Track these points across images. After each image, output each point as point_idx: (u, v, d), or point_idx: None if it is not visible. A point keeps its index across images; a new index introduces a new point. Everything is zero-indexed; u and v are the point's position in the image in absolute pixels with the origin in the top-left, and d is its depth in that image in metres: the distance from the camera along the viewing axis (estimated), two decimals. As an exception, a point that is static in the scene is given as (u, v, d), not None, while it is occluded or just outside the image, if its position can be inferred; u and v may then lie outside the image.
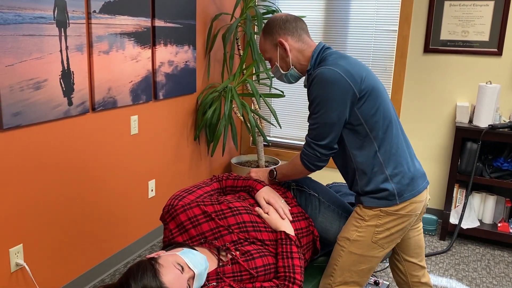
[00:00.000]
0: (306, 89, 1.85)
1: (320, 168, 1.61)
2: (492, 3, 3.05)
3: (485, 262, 2.86)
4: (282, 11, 3.65)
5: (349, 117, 1.53)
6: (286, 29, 1.62)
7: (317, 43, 1.67)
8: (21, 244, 2.02)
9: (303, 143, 3.85)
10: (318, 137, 1.55)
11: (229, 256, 1.43)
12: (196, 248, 1.43)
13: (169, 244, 1.46)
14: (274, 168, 1.76)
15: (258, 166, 3.56)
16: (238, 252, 1.44)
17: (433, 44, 3.24)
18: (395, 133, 1.59)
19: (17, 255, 2.00)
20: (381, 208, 1.57)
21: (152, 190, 2.86)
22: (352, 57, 1.60)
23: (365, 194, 1.60)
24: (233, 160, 3.69)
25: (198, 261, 1.31)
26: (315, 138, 1.56)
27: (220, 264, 1.42)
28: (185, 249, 1.34)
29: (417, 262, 1.82)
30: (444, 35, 3.21)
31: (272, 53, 1.67)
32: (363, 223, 1.60)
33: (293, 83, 1.73)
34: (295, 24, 1.64)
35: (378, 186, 1.56)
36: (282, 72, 1.68)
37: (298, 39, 1.63)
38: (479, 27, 3.12)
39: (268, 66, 3.77)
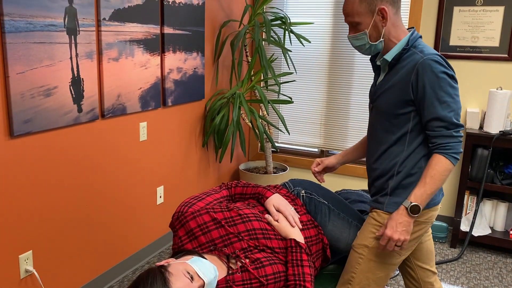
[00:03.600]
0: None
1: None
2: (502, 9, 3.03)
3: (497, 270, 2.82)
4: (290, 18, 3.65)
5: None
6: None
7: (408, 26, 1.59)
8: (31, 251, 2.02)
9: (312, 149, 3.83)
10: (456, 120, 1.46)
11: (239, 263, 1.42)
12: (205, 255, 1.43)
13: (178, 252, 1.45)
14: (410, 202, 1.47)
15: (266, 173, 3.55)
16: (248, 260, 1.43)
17: (443, 50, 3.22)
18: None
19: (26, 262, 2.00)
20: None
21: (160, 197, 2.86)
22: None
23: (393, 191, 1.57)
24: (241, 167, 3.68)
25: (208, 269, 1.30)
26: (454, 123, 1.46)
27: (230, 272, 1.41)
28: (195, 257, 1.34)
29: (429, 268, 1.81)
30: (454, 41, 3.19)
31: (364, 19, 1.51)
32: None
33: (371, 55, 1.62)
34: None
35: (409, 186, 1.55)
36: (369, 42, 1.54)
37: (396, 12, 1.53)
38: (489, 33, 3.10)
39: (277, 72, 3.77)
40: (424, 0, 3.23)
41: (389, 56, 1.56)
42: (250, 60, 3.41)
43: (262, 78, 3.34)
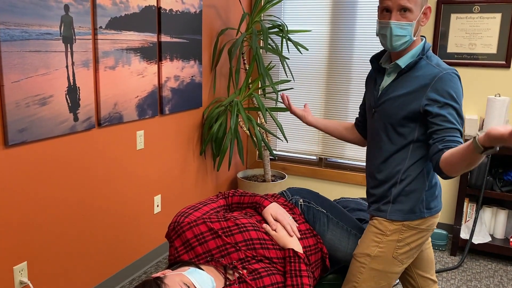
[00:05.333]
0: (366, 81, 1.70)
1: None
2: (499, 16, 3.04)
3: (498, 278, 2.79)
4: (287, 26, 3.65)
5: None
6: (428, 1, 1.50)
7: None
8: (25, 262, 1.99)
9: (310, 156, 3.82)
10: (461, 130, 1.45)
11: (236, 274, 1.39)
12: (202, 266, 1.40)
13: (175, 263, 1.43)
14: (477, 134, 1.22)
15: (264, 181, 3.53)
16: (245, 271, 1.41)
17: (440, 57, 3.22)
18: None
19: (21, 273, 1.97)
20: (404, 222, 1.55)
21: (158, 206, 2.84)
22: None
23: (395, 199, 1.55)
24: (239, 175, 3.66)
25: (205, 281, 1.28)
26: (459, 130, 1.43)
27: (227, 283, 1.38)
28: (192, 269, 1.31)
29: (429, 276, 1.79)
30: (451, 48, 3.19)
31: (416, 9, 1.46)
32: (384, 238, 1.56)
33: (393, 50, 1.51)
34: None
35: (413, 195, 1.54)
36: (408, 35, 1.47)
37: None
38: (487, 40, 3.10)
39: (275, 79, 3.77)
40: (421, 7, 3.23)
41: (402, 62, 1.52)
42: (247, 68, 3.40)
43: (259, 86, 3.34)
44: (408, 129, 1.52)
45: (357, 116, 1.88)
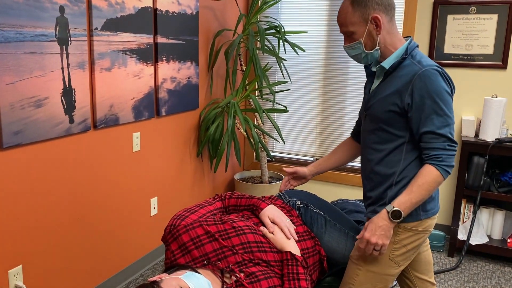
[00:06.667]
0: (366, 84, 1.71)
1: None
2: (495, 17, 3.04)
3: (495, 279, 2.79)
4: (284, 27, 3.65)
5: None
6: (382, 5, 1.49)
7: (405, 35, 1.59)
8: (21, 266, 1.97)
9: (307, 158, 3.81)
10: (451, 136, 1.46)
11: (233, 278, 1.38)
12: (199, 270, 1.39)
13: (171, 266, 1.42)
14: (393, 207, 1.46)
15: (261, 182, 3.52)
16: (242, 274, 1.39)
17: (437, 58, 3.22)
18: None
19: (16, 277, 1.95)
20: (400, 224, 1.54)
21: (154, 208, 2.82)
22: None
23: (391, 202, 1.54)
24: (237, 176, 3.65)
25: (202, 285, 1.26)
26: (450, 139, 1.46)
27: (224, 286, 1.37)
28: (188, 272, 1.30)
29: (427, 278, 1.78)
30: (448, 49, 3.19)
31: (358, 28, 1.51)
32: None
33: (368, 64, 1.60)
34: (390, 1, 1.51)
35: None
36: (364, 50, 1.53)
37: (390, 19, 1.52)
38: (483, 41, 3.10)
39: (272, 81, 3.76)
40: (418, 8, 3.23)
41: (386, 64, 1.54)
42: (244, 69, 3.39)
43: (256, 87, 3.33)
44: (398, 129, 1.52)
45: (355, 126, 1.88)
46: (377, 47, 1.53)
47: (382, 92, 1.54)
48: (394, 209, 1.46)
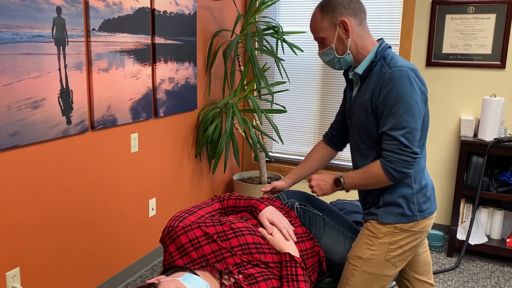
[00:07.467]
0: (347, 86, 1.71)
1: (405, 176, 1.47)
2: (493, 16, 3.04)
3: (495, 279, 2.79)
4: (282, 28, 3.64)
5: None
6: (350, 9, 1.50)
7: (378, 37, 1.59)
8: (18, 268, 1.96)
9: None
10: (408, 141, 1.44)
11: (232, 279, 1.37)
12: (197, 271, 1.38)
13: (169, 268, 1.41)
14: (341, 176, 1.59)
15: (260, 183, 3.51)
16: (241, 276, 1.39)
17: (435, 58, 3.22)
18: (425, 148, 1.58)
19: (13, 279, 1.94)
20: (396, 225, 1.53)
21: (152, 209, 2.81)
22: None
23: (385, 206, 1.54)
24: (235, 177, 3.64)
25: (200, 287, 1.25)
26: (403, 143, 1.44)
27: (223, 288, 1.36)
28: (187, 274, 1.29)
29: (426, 280, 1.77)
30: (446, 49, 3.19)
31: (328, 33, 1.53)
32: (376, 241, 1.55)
33: (342, 69, 1.61)
34: (359, 5, 1.52)
35: (402, 199, 1.53)
36: (337, 55, 1.55)
37: (359, 23, 1.52)
38: (481, 40, 3.10)
39: (270, 81, 3.75)
40: (416, 8, 3.23)
41: (359, 69, 1.54)
42: (242, 70, 3.38)
43: (255, 88, 3.32)
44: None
45: (329, 129, 1.86)
46: (348, 51, 1.54)
47: (360, 99, 1.55)
48: (340, 178, 1.58)
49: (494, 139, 2.87)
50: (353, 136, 1.62)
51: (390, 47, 1.56)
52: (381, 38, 1.58)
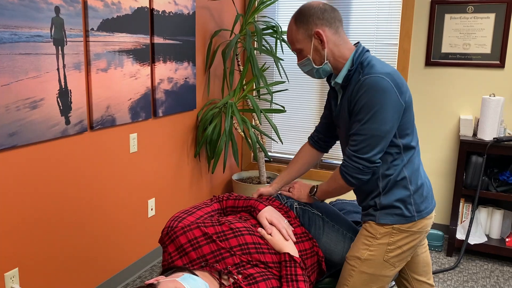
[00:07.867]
0: (329, 92, 1.72)
1: (361, 182, 1.50)
2: (493, 16, 3.04)
3: (494, 279, 2.79)
4: (281, 27, 3.64)
5: None
6: (324, 19, 1.49)
7: (355, 42, 1.60)
8: (17, 268, 1.96)
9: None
10: (363, 149, 1.45)
11: (231, 280, 1.37)
12: (196, 272, 1.38)
13: (168, 269, 1.40)
14: (316, 185, 1.67)
15: (259, 183, 3.51)
16: (240, 276, 1.38)
17: (435, 57, 3.22)
18: (417, 148, 1.57)
19: (12, 280, 1.94)
20: (394, 226, 1.53)
21: (152, 209, 2.81)
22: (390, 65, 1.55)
23: (382, 208, 1.54)
24: (234, 177, 3.64)
25: (199, 287, 1.25)
26: (358, 150, 1.45)
27: (222, 288, 1.36)
28: (186, 274, 1.29)
29: (426, 280, 1.77)
30: (445, 48, 3.19)
31: (304, 45, 1.53)
32: (374, 241, 1.55)
33: (322, 78, 1.61)
34: (333, 14, 1.51)
35: (399, 202, 1.52)
36: (314, 66, 1.55)
37: (335, 32, 1.51)
38: (481, 40, 3.09)
39: (269, 81, 3.75)
40: (415, 7, 3.23)
41: (339, 79, 1.54)
42: (242, 69, 3.38)
43: (254, 87, 3.32)
44: None
45: (314, 132, 1.85)
46: (326, 61, 1.53)
47: (343, 107, 1.55)
48: (315, 187, 1.66)
49: (494, 138, 2.87)
50: (343, 144, 1.64)
51: (368, 50, 1.55)
52: (358, 42, 1.58)
